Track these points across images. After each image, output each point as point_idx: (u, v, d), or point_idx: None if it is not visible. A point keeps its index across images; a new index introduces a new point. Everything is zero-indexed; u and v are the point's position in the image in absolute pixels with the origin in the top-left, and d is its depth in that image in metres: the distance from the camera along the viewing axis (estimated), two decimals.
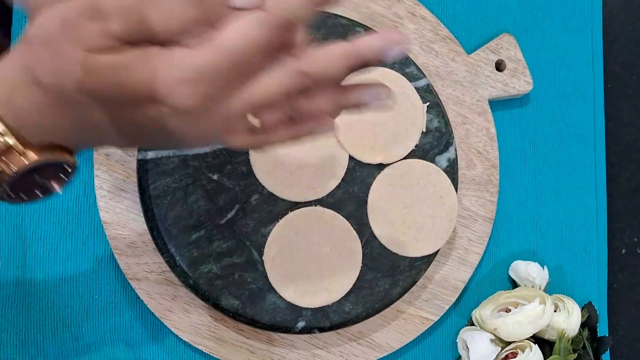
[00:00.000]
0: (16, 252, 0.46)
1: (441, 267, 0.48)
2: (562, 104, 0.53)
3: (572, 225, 0.52)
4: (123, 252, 0.45)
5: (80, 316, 0.46)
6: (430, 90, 0.48)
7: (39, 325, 0.46)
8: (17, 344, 0.45)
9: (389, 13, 0.49)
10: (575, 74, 0.53)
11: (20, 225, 0.46)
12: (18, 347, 0.45)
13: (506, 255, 0.51)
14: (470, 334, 0.46)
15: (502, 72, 0.50)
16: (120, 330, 0.46)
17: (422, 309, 0.48)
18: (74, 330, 0.46)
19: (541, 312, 0.45)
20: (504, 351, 0.46)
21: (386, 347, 0.47)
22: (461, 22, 0.52)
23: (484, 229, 0.49)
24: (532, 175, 0.52)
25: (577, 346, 0.47)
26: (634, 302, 0.54)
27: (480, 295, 0.50)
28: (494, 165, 0.49)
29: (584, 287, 0.52)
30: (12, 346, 0.45)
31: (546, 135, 0.52)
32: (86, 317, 0.46)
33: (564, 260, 0.52)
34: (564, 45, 0.53)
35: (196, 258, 0.44)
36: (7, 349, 0.45)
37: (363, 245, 0.46)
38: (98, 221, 0.46)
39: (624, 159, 0.55)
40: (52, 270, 0.46)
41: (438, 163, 0.47)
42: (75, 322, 0.46)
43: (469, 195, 0.49)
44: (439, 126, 0.48)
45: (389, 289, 0.46)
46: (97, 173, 0.45)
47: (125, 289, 0.47)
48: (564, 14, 0.53)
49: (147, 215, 0.45)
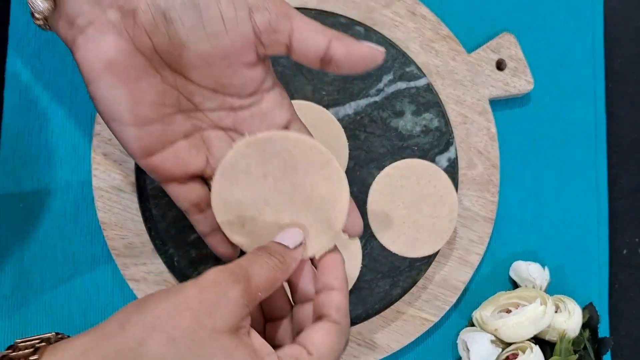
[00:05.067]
0: (14, 253, 0.46)
1: (441, 268, 0.48)
2: (563, 104, 0.52)
3: (573, 225, 0.52)
4: (121, 253, 0.45)
5: (78, 317, 0.46)
6: (430, 90, 0.47)
7: (37, 326, 0.45)
8: None
9: (389, 12, 0.49)
10: (576, 73, 0.53)
11: (18, 226, 0.46)
12: None
13: (507, 256, 0.51)
14: (470, 335, 0.46)
15: (503, 71, 0.50)
16: None
17: (422, 309, 0.48)
18: (72, 331, 0.46)
19: (542, 313, 0.45)
20: (505, 352, 0.46)
21: (386, 348, 0.47)
22: (462, 21, 0.52)
23: (484, 229, 0.49)
24: (532, 175, 0.52)
25: (578, 347, 0.47)
26: (636, 303, 0.54)
27: (480, 296, 0.49)
28: (495, 165, 0.49)
29: (585, 287, 0.51)
30: None
31: (547, 135, 0.52)
32: (84, 318, 0.46)
33: (564, 260, 0.51)
34: (565, 44, 0.53)
35: (195, 258, 0.44)
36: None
37: (363, 246, 0.46)
38: (96, 222, 0.46)
39: (625, 159, 0.55)
40: (49, 271, 0.46)
41: (438, 163, 0.47)
42: (73, 324, 0.46)
43: (470, 195, 0.49)
44: (439, 126, 0.47)
45: (388, 290, 0.46)
46: (95, 173, 0.45)
47: (123, 290, 0.46)
48: (565, 13, 0.53)
49: (145, 215, 0.45)
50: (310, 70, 0.46)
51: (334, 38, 0.32)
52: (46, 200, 0.46)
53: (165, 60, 0.32)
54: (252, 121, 0.35)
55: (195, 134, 0.35)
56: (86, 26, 0.31)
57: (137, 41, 0.31)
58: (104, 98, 0.32)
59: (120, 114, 0.32)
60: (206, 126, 0.35)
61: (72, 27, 0.31)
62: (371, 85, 0.47)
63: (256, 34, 0.31)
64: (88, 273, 0.46)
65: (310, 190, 0.34)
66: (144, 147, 0.34)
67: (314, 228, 0.35)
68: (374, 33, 0.47)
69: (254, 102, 0.35)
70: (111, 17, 0.31)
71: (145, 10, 0.30)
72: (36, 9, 0.30)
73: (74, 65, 0.47)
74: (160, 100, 0.33)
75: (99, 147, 0.45)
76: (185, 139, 0.35)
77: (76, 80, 0.47)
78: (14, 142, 0.46)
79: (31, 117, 0.47)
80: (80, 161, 0.47)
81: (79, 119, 0.47)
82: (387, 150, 0.47)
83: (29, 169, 0.46)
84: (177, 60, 0.32)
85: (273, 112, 0.35)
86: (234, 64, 0.32)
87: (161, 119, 0.34)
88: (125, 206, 0.45)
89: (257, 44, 0.32)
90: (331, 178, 0.34)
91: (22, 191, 0.46)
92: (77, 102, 0.47)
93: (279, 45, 0.32)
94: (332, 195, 0.34)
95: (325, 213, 0.34)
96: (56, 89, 0.47)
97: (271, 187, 0.34)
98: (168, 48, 0.31)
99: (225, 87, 0.34)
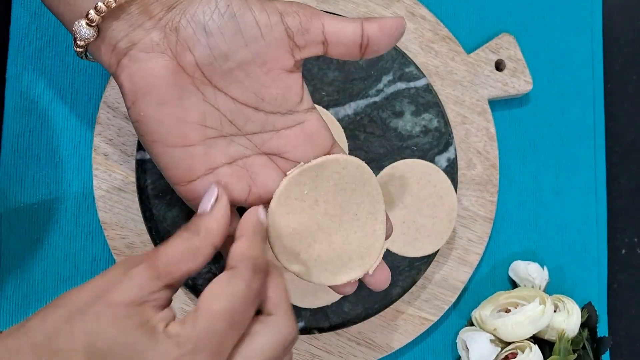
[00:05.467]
0: (15, 253, 0.46)
1: (441, 268, 0.48)
2: (562, 104, 0.53)
3: (572, 225, 0.52)
4: (122, 253, 0.45)
5: None
6: (430, 90, 0.48)
7: None
8: None
9: (388, 12, 0.49)
10: (575, 73, 0.53)
11: (18, 226, 0.46)
12: None
13: (506, 256, 0.51)
14: (469, 335, 0.46)
15: (502, 71, 0.50)
16: None
17: (422, 309, 0.48)
18: None
19: (541, 313, 0.45)
20: (504, 351, 0.46)
21: (385, 348, 0.47)
22: (461, 22, 0.52)
23: (483, 229, 0.49)
24: (531, 175, 0.52)
25: (577, 346, 0.47)
26: (634, 303, 0.54)
27: (480, 295, 0.50)
28: (494, 165, 0.49)
29: (583, 287, 0.52)
30: None
31: (546, 135, 0.52)
32: None
33: (563, 260, 0.52)
34: (564, 44, 0.53)
35: None
36: None
37: None
38: (97, 221, 0.46)
39: (624, 159, 0.55)
40: (50, 271, 0.46)
41: (438, 163, 0.47)
42: None
43: (469, 195, 0.49)
44: (439, 126, 0.47)
45: (388, 289, 0.46)
46: (95, 173, 0.45)
47: None
48: (564, 14, 0.53)
49: (145, 215, 0.45)
50: (310, 71, 0.46)
51: (364, 21, 0.33)
52: (47, 200, 0.46)
53: (207, 76, 0.33)
54: (297, 143, 0.35)
55: (238, 161, 0.34)
56: (129, 48, 0.32)
57: (179, 57, 0.32)
58: (147, 118, 0.32)
59: (162, 134, 0.33)
60: (250, 152, 0.35)
61: (114, 50, 0.32)
62: (371, 86, 0.47)
63: (289, 36, 0.32)
64: (89, 273, 0.46)
65: (356, 208, 0.35)
66: (185, 171, 0.33)
67: (364, 243, 0.36)
68: None
69: (297, 121, 0.35)
70: (154, 37, 0.32)
71: (185, 26, 0.31)
72: (81, 37, 0.31)
73: (74, 65, 0.48)
74: (203, 121, 0.33)
75: (100, 147, 0.45)
76: (228, 166, 0.34)
77: (77, 80, 0.48)
78: (15, 142, 0.46)
79: (32, 117, 0.47)
80: (82, 161, 0.47)
81: (80, 119, 0.47)
82: (386, 151, 0.47)
83: (30, 169, 0.46)
84: (218, 74, 0.33)
85: (318, 134, 0.35)
86: (272, 69, 0.33)
87: (203, 141, 0.33)
88: (126, 206, 0.45)
89: (292, 46, 0.33)
90: (372, 193, 0.35)
91: (23, 191, 0.46)
92: (78, 103, 0.47)
93: (314, 44, 0.33)
94: (374, 209, 0.35)
95: (372, 226, 0.36)
96: (57, 89, 0.47)
97: (322, 212, 0.35)
98: (210, 60, 0.32)
99: (266, 101, 0.34)
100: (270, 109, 0.34)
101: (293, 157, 0.35)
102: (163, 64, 0.32)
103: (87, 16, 0.31)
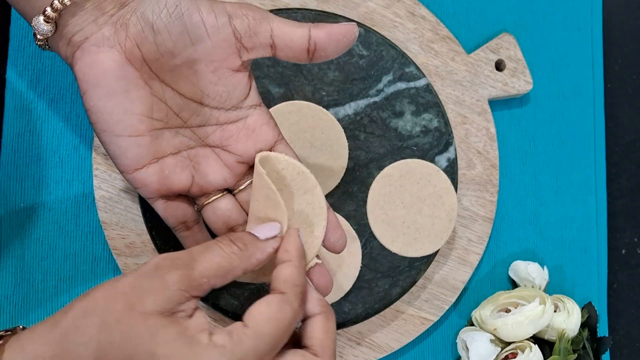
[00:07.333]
0: (15, 253, 0.46)
1: (441, 268, 0.48)
2: (562, 104, 0.53)
3: (572, 225, 0.52)
4: (122, 253, 0.45)
5: None
6: (430, 90, 0.48)
7: None
8: None
9: (389, 12, 0.49)
10: (575, 73, 0.53)
11: (18, 226, 0.46)
12: None
13: (506, 256, 0.51)
14: (470, 335, 0.46)
15: (502, 71, 0.50)
16: None
17: (422, 309, 0.48)
18: None
19: (541, 313, 0.45)
20: (504, 351, 0.46)
21: (385, 348, 0.47)
22: (461, 22, 0.52)
23: (483, 229, 0.49)
24: (532, 175, 0.52)
25: (577, 346, 0.47)
26: (634, 302, 0.54)
27: (480, 295, 0.50)
28: (494, 165, 0.49)
29: (583, 287, 0.52)
30: None
31: (546, 135, 0.52)
32: None
33: (563, 260, 0.52)
34: (564, 44, 0.53)
35: None
36: None
37: (362, 246, 0.46)
38: (97, 221, 0.46)
39: (624, 159, 0.55)
40: (50, 271, 0.46)
41: (438, 163, 0.47)
42: None
43: (469, 195, 0.49)
44: (439, 126, 0.47)
45: (388, 289, 0.46)
46: (96, 173, 0.45)
47: None
48: (564, 14, 0.53)
49: (145, 215, 0.45)
50: (311, 71, 0.46)
51: (312, 27, 0.34)
52: (47, 200, 0.46)
53: (155, 71, 0.34)
54: (239, 137, 0.36)
55: (182, 152, 0.37)
56: (82, 41, 0.33)
57: (128, 53, 0.33)
58: (96, 108, 0.34)
59: (110, 124, 0.34)
60: (194, 144, 0.37)
61: (69, 43, 0.34)
62: (371, 86, 0.47)
63: (237, 38, 0.34)
64: (89, 273, 0.46)
65: (293, 212, 0.36)
66: (131, 160, 0.35)
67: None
68: (374, 33, 0.47)
69: (240, 116, 0.36)
70: (105, 32, 0.33)
71: (135, 23, 0.33)
72: (40, 32, 0.33)
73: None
74: (149, 112, 0.35)
75: (100, 147, 0.45)
76: (172, 156, 0.36)
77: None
78: (16, 142, 0.46)
79: (32, 118, 0.47)
80: (82, 161, 0.47)
81: (80, 119, 0.47)
82: (386, 151, 0.47)
83: (30, 169, 0.46)
84: (166, 70, 0.34)
85: (261, 129, 0.37)
86: (219, 68, 0.34)
87: (150, 132, 0.35)
88: (126, 206, 0.45)
89: (240, 48, 0.34)
90: (313, 204, 0.36)
91: (24, 191, 0.46)
92: (78, 103, 0.47)
93: (262, 46, 0.34)
94: (312, 220, 0.36)
95: (306, 236, 0.36)
96: (57, 89, 0.47)
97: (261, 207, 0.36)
98: (156, 56, 0.34)
99: (212, 97, 0.35)
100: (214, 104, 0.36)
101: (234, 150, 0.37)
102: (112, 57, 0.33)
103: (44, 13, 0.32)
